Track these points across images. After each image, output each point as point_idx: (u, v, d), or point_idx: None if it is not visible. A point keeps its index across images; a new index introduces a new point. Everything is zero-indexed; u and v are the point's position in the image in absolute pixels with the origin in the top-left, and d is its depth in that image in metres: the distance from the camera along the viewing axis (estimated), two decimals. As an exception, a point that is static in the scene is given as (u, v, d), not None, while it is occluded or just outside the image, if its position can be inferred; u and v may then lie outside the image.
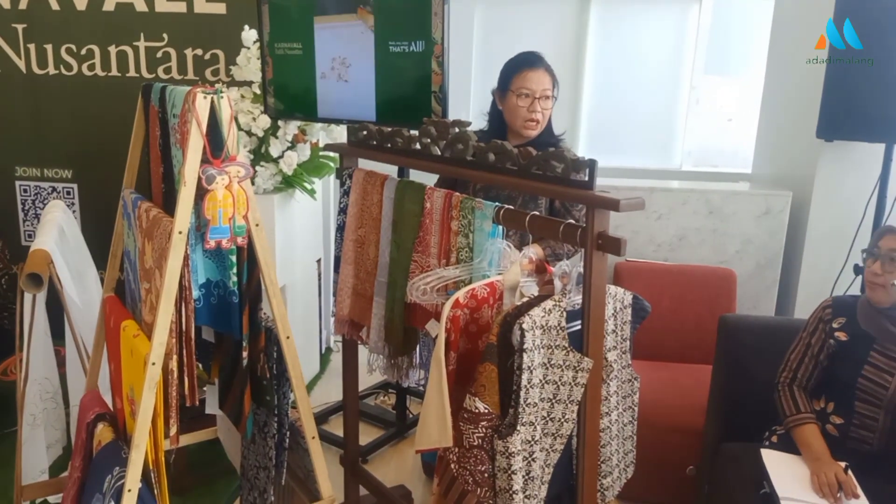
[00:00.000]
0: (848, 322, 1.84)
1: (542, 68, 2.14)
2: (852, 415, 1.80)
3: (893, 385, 1.73)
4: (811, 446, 1.77)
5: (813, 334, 1.90)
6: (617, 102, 3.97)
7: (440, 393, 1.28)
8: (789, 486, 1.67)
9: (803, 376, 1.90)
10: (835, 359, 1.85)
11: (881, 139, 2.39)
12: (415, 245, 1.67)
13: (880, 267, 1.73)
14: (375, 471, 2.61)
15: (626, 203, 1.22)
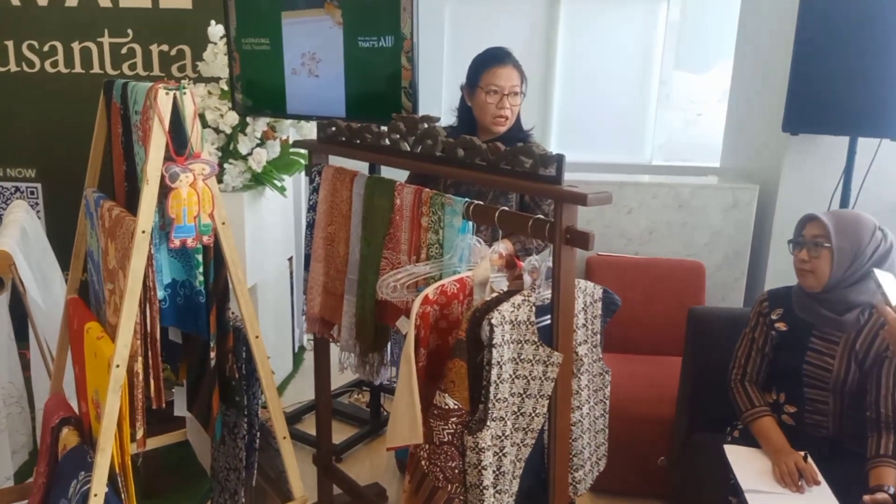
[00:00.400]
0: (786, 312, 1.88)
1: (511, 64, 2.14)
2: (804, 402, 1.83)
3: (836, 367, 1.77)
4: (769, 439, 1.80)
5: (755, 329, 1.93)
6: (588, 98, 3.99)
7: (410, 390, 1.28)
8: (753, 480, 1.70)
9: (753, 371, 1.93)
10: (779, 349, 1.89)
11: (845, 132, 2.43)
12: (385, 242, 1.66)
13: (807, 254, 1.77)
14: (349, 469, 2.60)
15: (594, 197, 1.23)
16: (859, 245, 1.72)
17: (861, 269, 1.73)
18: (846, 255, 1.72)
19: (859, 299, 1.75)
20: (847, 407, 1.80)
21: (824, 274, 1.75)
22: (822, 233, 1.76)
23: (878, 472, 1.67)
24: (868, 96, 2.28)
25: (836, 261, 1.73)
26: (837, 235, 1.73)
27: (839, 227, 1.74)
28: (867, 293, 1.74)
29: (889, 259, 1.73)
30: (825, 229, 1.74)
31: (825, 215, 1.79)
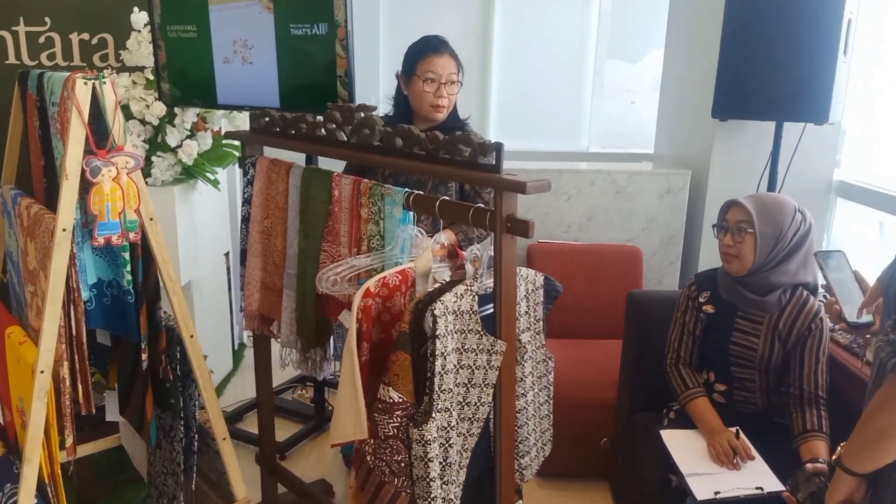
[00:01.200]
0: (713, 294, 1.94)
1: (448, 53, 2.13)
2: (732, 380, 1.90)
3: (761, 346, 1.84)
4: (703, 419, 1.86)
5: (686, 313, 1.99)
6: (525, 86, 4.01)
7: (353, 385, 1.25)
8: (692, 463, 1.74)
9: (686, 354, 1.99)
10: (707, 331, 1.95)
11: (771, 118, 2.51)
12: (324, 234, 1.63)
13: (731, 238, 1.82)
14: (294, 466, 2.56)
15: (533, 185, 1.22)
16: (781, 229, 1.78)
17: (782, 252, 1.79)
18: (768, 239, 1.77)
19: (781, 280, 1.81)
20: (773, 383, 1.87)
21: (748, 259, 1.80)
22: (745, 218, 1.80)
23: (810, 445, 1.73)
24: (792, 83, 2.36)
25: (759, 246, 1.78)
26: (760, 220, 1.77)
27: (761, 213, 1.78)
28: (788, 274, 1.80)
29: (808, 240, 1.80)
30: (748, 214, 1.79)
31: (747, 200, 1.83)
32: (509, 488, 1.43)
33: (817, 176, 2.88)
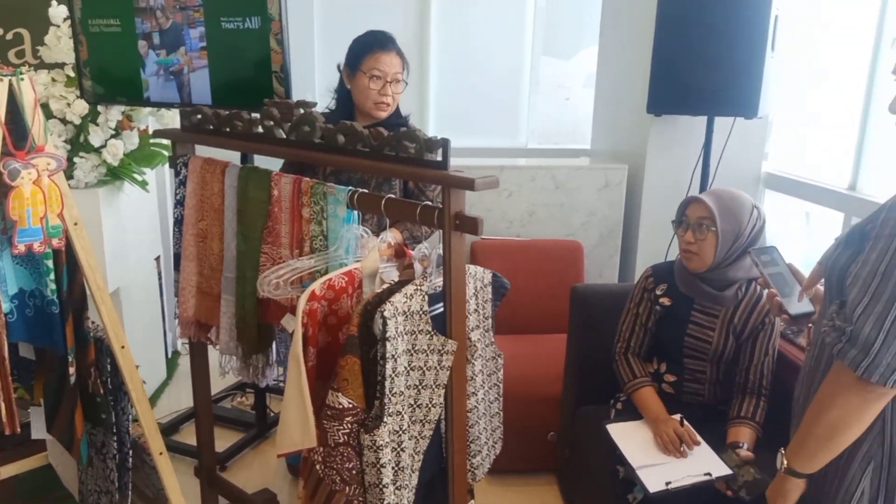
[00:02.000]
0: (669, 287, 1.97)
1: (395, 51, 2.08)
2: (683, 371, 1.94)
3: (715, 339, 1.88)
4: (649, 408, 1.89)
5: (640, 304, 2.02)
6: (463, 83, 4.00)
7: (300, 391, 1.20)
8: (640, 454, 1.77)
9: (636, 344, 2.02)
10: (662, 322, 1.98)
11: (703, 113, 2.58)
12: (263, 236, 1.57)
13: (692, 235, 1.84)
14: (236, 477, 2.47)
15: (482, 182, 1.21)
16: (741, 226, 1.81)
17: (740, 249, 1.83)
18: (729, 236, 1.80)
19: (737, 275, 1.85)
20: (722, 375, 1.92)
21: (709, 256, 1.83)
22: (706, 215, 1.81)
23: (736, 430, 1.81)
24: (723, 78, 2.43)
25: (720, 243, 1.80)
26: (721, 218, 1.80)
27: (722, 210, 1.81)
28: (744, 269, 1.84)
29: (762, 236, 1.85)
30: (710, 212, 1.80)
31: (708, 197, 1.84)
32: (462, 489, 1.41)
33: (747, 168, 2.98)
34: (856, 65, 2.52)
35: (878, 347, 1.02)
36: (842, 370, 1.07)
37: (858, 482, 1.13)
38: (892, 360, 1.01)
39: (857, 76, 2.50)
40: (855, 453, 1.13)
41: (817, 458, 1.14)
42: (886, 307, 1.02)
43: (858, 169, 2.50)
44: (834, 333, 1.07)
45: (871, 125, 2.45)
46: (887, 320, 1.01)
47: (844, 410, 1.07)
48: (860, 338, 1.03)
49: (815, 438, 1.13)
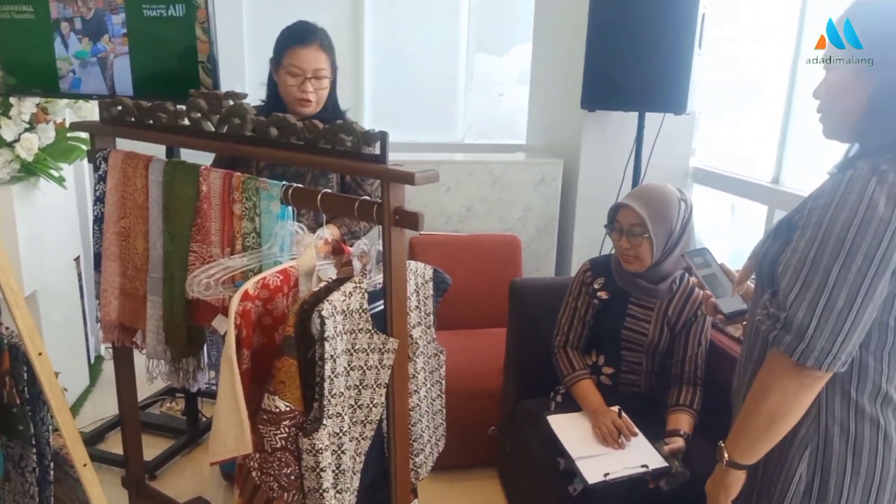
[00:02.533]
0: (607, 281, 2.00)
1: (315, 45, 1.94)
2: (621, 363, 1.97)
3: (651, 332, 1.92)
4: (587, 400, 1.92)
5: (578, 298, 2.04)
6: (399, 79, 3.96)
7: (234, 396, 1.15)
8: (579, 446, 1.78)
9: (575, 337, 2.04)
10: (599, 316, 2.00)
11: (635, 108, 2.64)
12: (192, 234, 1.50)
13: (627, 242, 1.87)
14: (167, 485, 2.37)
15: (422, 176, 1.18)
16: (671, 224, 1.84)
17: (673, 244, 1.86)
18: (661, 238, 1.84)
19: (671, 269, 1.90)
20: (658, 366, 1.96)
21: (647, 258, 1.86)
22: (637, 221, 1.83)
23: (674, 417, 1.85)
24: (653, 75, 2.48)
25: (655, 245, 1.84)
26: (653, 222, 1.82)
27: (652, 214, 1.83)
28: (677, 263, 1.89)
29: (690, 223, 1.89)
30: (640, 218, 1.82)
31: (635, 202, 1.85)
32: (405, 489, 1.38)
33: (676, 163, 3.07)
34: (778, 62, 2.62)
35: (812, 332, 1.04)
36: (777, 357, 1.10)
37: (796, 468, 1.16)
38: (825, 343, 1.04)
39: (779, 73, 2.61)
40: (792, 439, 1.16)
41: (758, 447, 1.16)
42: (818, 293, 1.04)
43: (781, 163, 2.60)
44: (768, 321, 1.10)
45: (792, 121, 2.56)
46: (819, 305, 1.04)
47: (782, 397, 1.10)
48: (794, 323, 1.06)
49: (754, 428, 1.15)
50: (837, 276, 1.04)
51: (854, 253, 1.03)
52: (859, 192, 1.03)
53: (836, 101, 1.15)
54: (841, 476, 1.14)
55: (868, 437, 1.13)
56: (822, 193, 1.09)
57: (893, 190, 1.02)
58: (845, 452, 1.13)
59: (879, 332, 1.10)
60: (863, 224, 1.02)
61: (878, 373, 1.12)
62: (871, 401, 1.13)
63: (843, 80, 1.13)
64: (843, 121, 1.15)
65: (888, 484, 1.14)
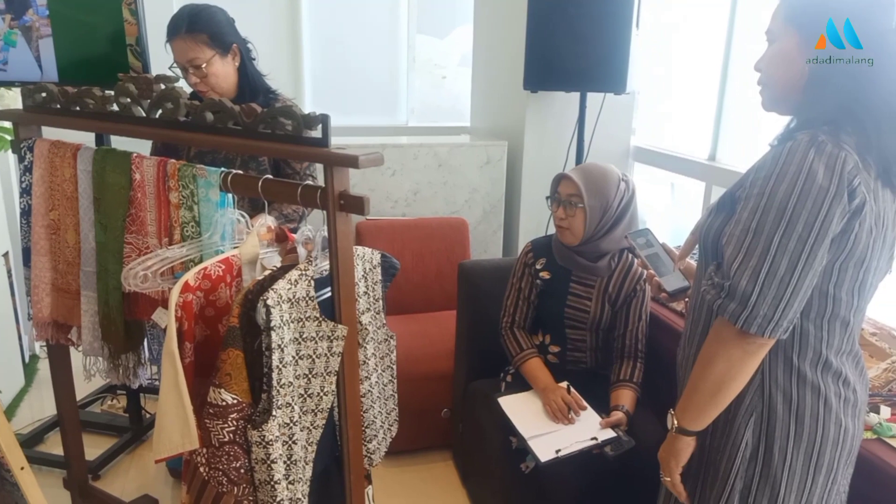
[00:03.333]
0: (549, 261, 2.03)
1: (182, 35, 1.82)
2: (566, 341, 2.00)
3: (593, 309, 1.96)
4: (537, 378, 1.94)
5: (522, 279, 2.06)
6: (339, 62, 3.89)
7: (177, 391, 1.11)
8: (530, 424, 1.81)
9: (521, 318, 2.06)
10: (543, 296, 2.03)
11: (576, 89, 2.65)
12: (126, 225, 1.44)
13: (563, 212, 1.91)
14: (111, 485, 2.30)
15: (366, 159, 1.16)
16: (607, 200, 1.88)
17: (610, 222, 1.90)
18: (597, 211, 1.87)
19: (609, 247, 1.93)
20: (601, 342, 2.00)
21: (579, 230, 1.89)
22: (575, 192, 1.88)
23: (617, 393, 1.90)
24: (593, 55, 2.50)
25: (588, 218, 1.87)
26: (588, 194, 1.86)
27: (589, 187, 1.87)
28: (615, 241, 1.92)
29: (632, 206, 1.93)
30: (577, 189, 1.86)
31: (576, 174, 1.90)
32: (358, 476, 1.37)
33: (617, 142, 3.12)
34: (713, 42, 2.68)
35: (755, 299, 1.07)
36: (722, 325, 1.13)
37: (742, 434, 1.19)
38: (767, 310, 1.07)
39: (713, 53, 2.66)
40: (738, 407, 1.20)
41: (705, 414, 1.20)
42: (760, 261, 1.07)
43: (717, 141, 2.67)
44: (713, 291, 1.13)
45: (727, 100, 2.62)
46: (761, 273, 1.07)
47: (727, 364, 1.13)
48: (737, 291, 1.08)
49: (701, 395, 1.18)
50: (779, 244, 1.06)
51: (795, 221, 1.05)
52: (799, 162, 1.06)
53: (777, 72, 1.17)
54: (784, 441, 1.18)
55: (809, 402, 1.17)
56: (764, 165, 1.12)
57: (831, 160, 1.05)
58: (788, 418, 1.17)
59: (819, 301, 1.13)
60: (802, 193, 1.05)
61: (818, 340, 1.16)
62: (812, 367, 1.17)
63: (787, 50, 1.15)
64: (783, 92, 1.18)
65: (828, 447, 1.18)
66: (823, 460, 1.19)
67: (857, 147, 1.08)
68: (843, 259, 1.10)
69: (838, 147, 1.06)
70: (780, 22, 1.16)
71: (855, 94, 1.09)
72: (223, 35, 1.88)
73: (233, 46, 1.90)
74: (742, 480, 1.21)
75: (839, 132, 1.08)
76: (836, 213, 1.05)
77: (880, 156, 1.09)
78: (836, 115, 1.10)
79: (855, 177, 1.05)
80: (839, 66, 1.10)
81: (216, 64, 1.86)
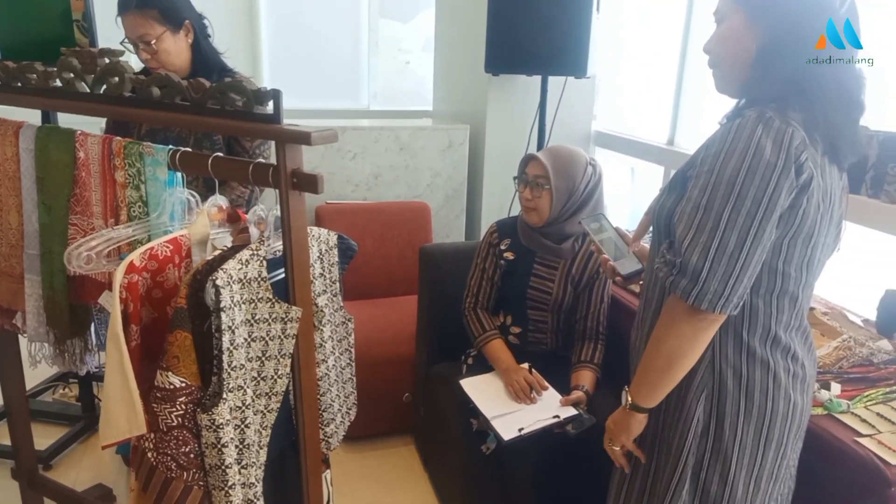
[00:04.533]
0: (513, 242, 2.03)
1: (133, 10, 1.78)
2: (527, 322, 2.01)
3: (555, 290, 1.96)
4: (499, 359, 1.95)
5: (486, 259, 2.06)
6: (300, 47, 3.82)
7: (123, 375, 1.08)
8: (492, 405, 1.81)
9: (484, 298, 2.06)
10: (506, 276, 2.03)
11: (537, 72, 2.65)
12: (70, 205, 1.38)
13: (530, 192, 1.91)
14: (65, 475, 2.25)
15: (319, 135, 1.13)
16: (574, 183, 1.88)
17: (576, 204, 1.90)
18: (563, 193, 1.87)
19: (574, 230, 1.93)
20: (563, 324, 2.01)
21: (545, 211, 1.89)
22: (542, 173, 1.87)
23: (577, 374, 1.91)
24: (554, 38, 2.50)
25: (554, 199, 1.87)
26: (555, 176, 1.86)
27: (557, 168, 1.87)
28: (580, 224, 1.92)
29: (598, 190, 1.93)
30: (545, 170, 1.86)
31: (544, 155, 1.90)
32: (315, 461, 1.35)
33: (579, 127, 3.13)
34: (671, 28, 2.70)
35: (706, 275, 1.08)
36: (675, 302, 1.13)
37: (694, 411, 1.21)
38: (717, 286, 1.08)
39: (672, 38, 2.68)
40: (690, 384, 1.21)
41: (658, 390, 1.21)
42: (710, 237, 1.08)
43: (676, 126, 2.70)
44: (665, 268, 1.13)
45: (685, 85, 2.65)
46: (711, 249, 1.07)
47: (679, 340, 1.14)
48: (689, 267, 1.09)
49: (654, 372, 1.19)
50: (728, 219, 1.07)
51: (743, 197, 1.06)
52: (747, 138, 1.06)
53: (726, 51, 1.18)
54: (735, 417, 1.19)
55: (759, 378, 1.19)
56: (713, 143, 1.13)
57: (779, 135, 1.06)
58: (738, 394, 1.19)
59: (769, 277, 1.15)
60: (751, 169, 1.06)
61: (767, 316, 1.18)
62: (761, 343, 1.18)
63: (735, 28, 1.16)
64: (732, 72, 1.18)
65: (777, 422, 1.20)
66: (773, 435, 1.21)
67: (804, 123, 1.09)
68: (791, 235, 1.12)
69: (786, 123, 1.07)
70: (728, 1, 1.17)
71: (804, 72, 1.10)
72: (175, 11, 1.82)
73: (185, 22, 1.84)
74: (694, 456, 1.23)
75: (787, 109, 1.09)
76: (783, 188, 1.06)
77: (827, 132, 1.11)
78: (784, 91, 1.11)
79: (802, 152, 1.06)
80: (790, 43, 1.11)
81: (167, 40, 1.81)
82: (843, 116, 1.12)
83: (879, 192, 1.80)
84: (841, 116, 1.11)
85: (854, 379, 1.53)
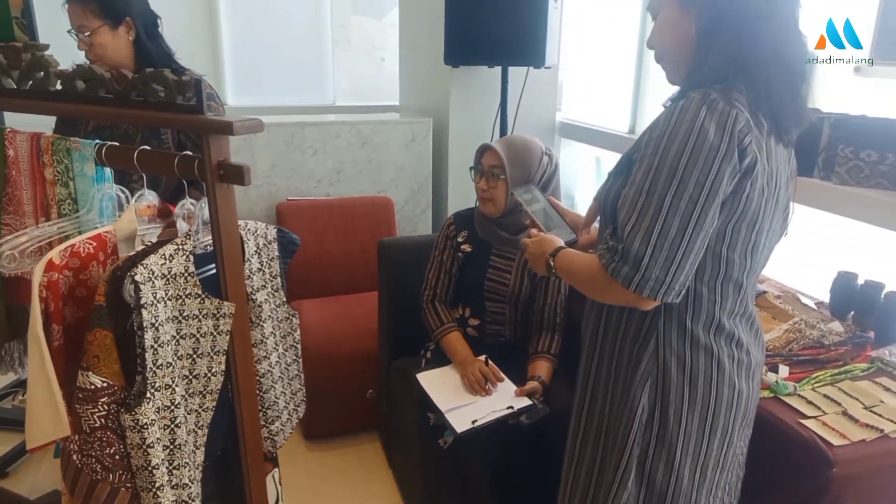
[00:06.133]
0: (470, 234, 2.01)
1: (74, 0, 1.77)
2: (485, 314, 1.99)
3: (512, 282, 1.95)
4: (456, 352, 1.93)
5: (444, 251, 2.04)
6: (262, 43, 3.77)
7: (45, 376, 1.05)
8: (448, 398, 1.80)
9: (442, 291, 2.04)
10: (464, 268, 2.02)
11: (496, 63, 2.63)
12: (3, 204, 1.35)
13: (486, 183, 1.90)
14: (21, 483, 2.21)
15: (241, 125, 1.10)
16: (529, 172, 1.86)
17: None
18: (518, 183, 1.85)
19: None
20: (520, 315, 1.99)
21: (501, 201, 1.88)
22: (497, 163, 1.86)
23: (534, 364, 1.91)
24: (512, 29, 2.47)
25: (509, 189, 1.85)
26: (510, 166, 1.84)
27: (512, 158, 1.85)
28: None
29: (554, 179, 1.91)
30: (500, 160, 1.84)
31: (499, 145, 1.88)
32: (257, 458, 1.33)
33: (542, 118, 3.11)
34: (630, 18, 2.69)
35: (647, 262, 1.05)
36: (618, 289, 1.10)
37: (639, 400, 1.19)
38: (659, 273, 1.05)
39: (630, 29, 2.68)
40: (634, 373, 1.19)
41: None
42: (652, 222, 1.04)
43: (636, 114, 2.69)
44: (608, 254, 1.10)
45: (644, 74, 2.64)
46: (653, 235, 1.04)
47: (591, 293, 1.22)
48: (630, 253, 1.06)
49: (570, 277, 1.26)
50: (670, 204, 1.03)
51: (686, 181, 1.03)
52: (690, 120, 1.03)
53: (667, 42, 1.16)
54: (679, 405, 1.18)
55: (703, 366, 1.17)
56: (657, 125, 1.09)
57: (722, 118, 1.02)
58: (682, 382, 1.17)
59: (713, 263, 1.12)
60: (693, 152, 1.02)
61: (711, 302, 1.15)
62: (705, 330, 1.16)
63: (670, 18, 1.14)
64: (678, 62, 1.16)
65: (722, 410, 1.19)
66: (718, 423, 1.20)
67: (748, 104, 1.06)
68: (735, 220, 1.09)
69: (730, 104, 1.03)
70: None
71: (744, 49, 1.08)
72: (115, 6, 1.79)
73: (126, 19, 1.81)
74: (640, 446, 1.21)
75: (731, 90, 1.06)
76: (726, 172, 1.03)
77: (770, 107, 1.08)
78: (727, 72, 1.08)
79: (746, 135, 1.03)
80: (726, 22, 1.09)
81: (103, 34, 1.78)
82: (784, 85, 1.08)
83: (831, 175, 1.79)
84: (783, 86, 1.08)
85: (803, 361, 1.53)
